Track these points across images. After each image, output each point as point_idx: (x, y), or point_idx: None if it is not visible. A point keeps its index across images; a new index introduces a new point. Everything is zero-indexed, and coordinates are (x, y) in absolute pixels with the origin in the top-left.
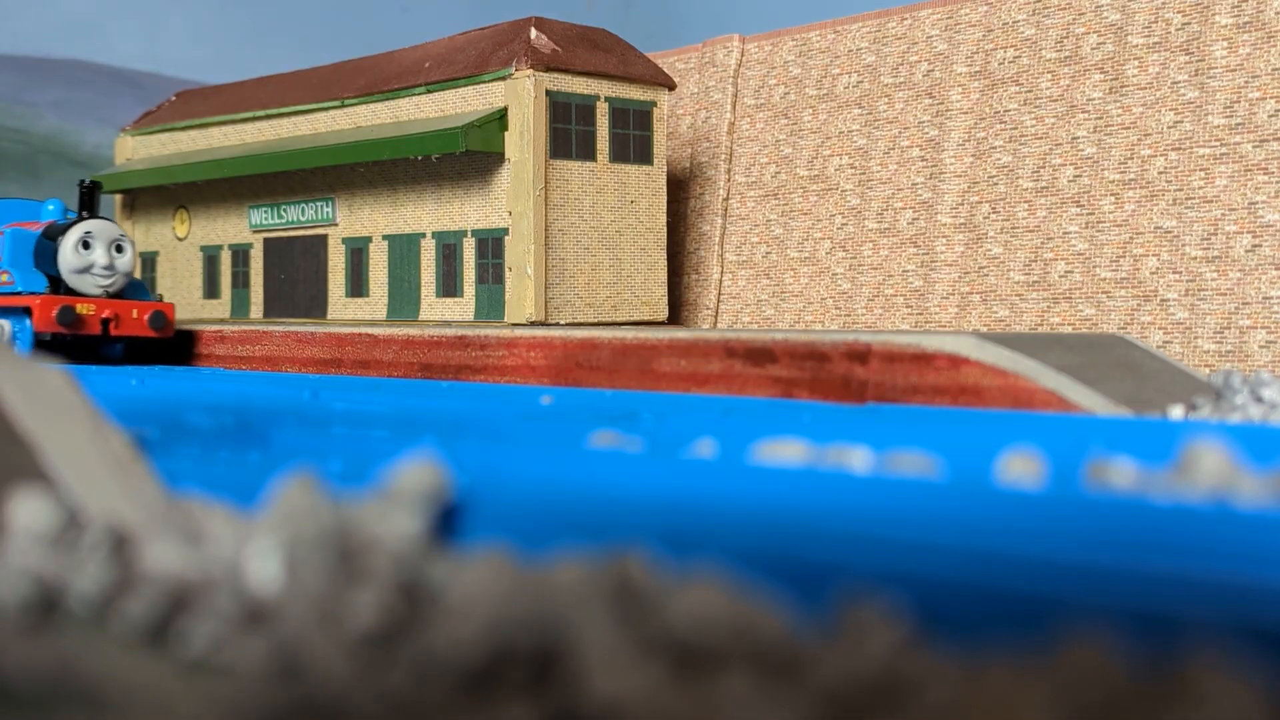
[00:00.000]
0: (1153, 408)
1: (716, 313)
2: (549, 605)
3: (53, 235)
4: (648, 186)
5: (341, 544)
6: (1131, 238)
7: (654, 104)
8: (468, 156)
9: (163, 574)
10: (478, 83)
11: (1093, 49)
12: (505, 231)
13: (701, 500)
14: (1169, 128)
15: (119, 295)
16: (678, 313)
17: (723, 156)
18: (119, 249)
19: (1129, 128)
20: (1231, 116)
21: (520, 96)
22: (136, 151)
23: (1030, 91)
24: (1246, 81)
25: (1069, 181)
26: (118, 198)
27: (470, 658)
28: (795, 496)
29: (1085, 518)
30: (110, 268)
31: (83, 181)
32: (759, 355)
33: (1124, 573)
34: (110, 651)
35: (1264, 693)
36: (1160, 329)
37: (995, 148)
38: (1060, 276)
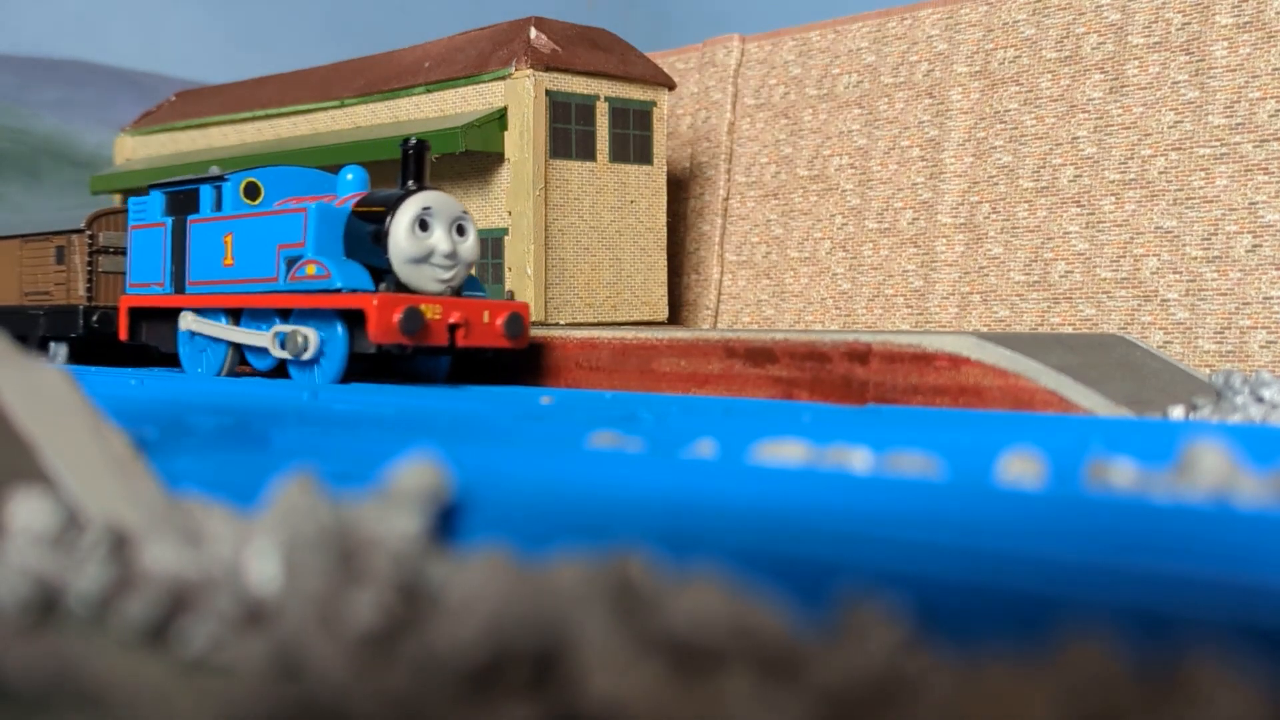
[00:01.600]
0: (1153, 408)
1: (716, 313)
2: (549, 605)
3: (373, 213)
4: (648, 186)
5: (341, 544)
6: (1132, 238)
7: (654, 104)
8: (467, 156)
9: (162, 574)
10: (477, 82)
11: (1093, 49)
12: (505, 231)
13: (701, 500)
14: (1169, 128)
15: (457, 293)
16: (678, 313)
17: (723, 156)
18: (460, 230)
19: (1129, 128)
20: (1232, 116)
21: (520, 96)
22: (136, 151)
23: (1030, 91)
24: (1247, 81)
25: (1069, 181)
26: (117, 197)
27: (470, 658)
28: (795, 496)
29: (1085, 518)
30: (452, 255)
31: (407, 140)
32: (759, 355)
33: (1124, 572)
34: (110, 651)
35: (1264, 692)
36: (1161, 329)
37: (995, 148)
38: (1061, 276)
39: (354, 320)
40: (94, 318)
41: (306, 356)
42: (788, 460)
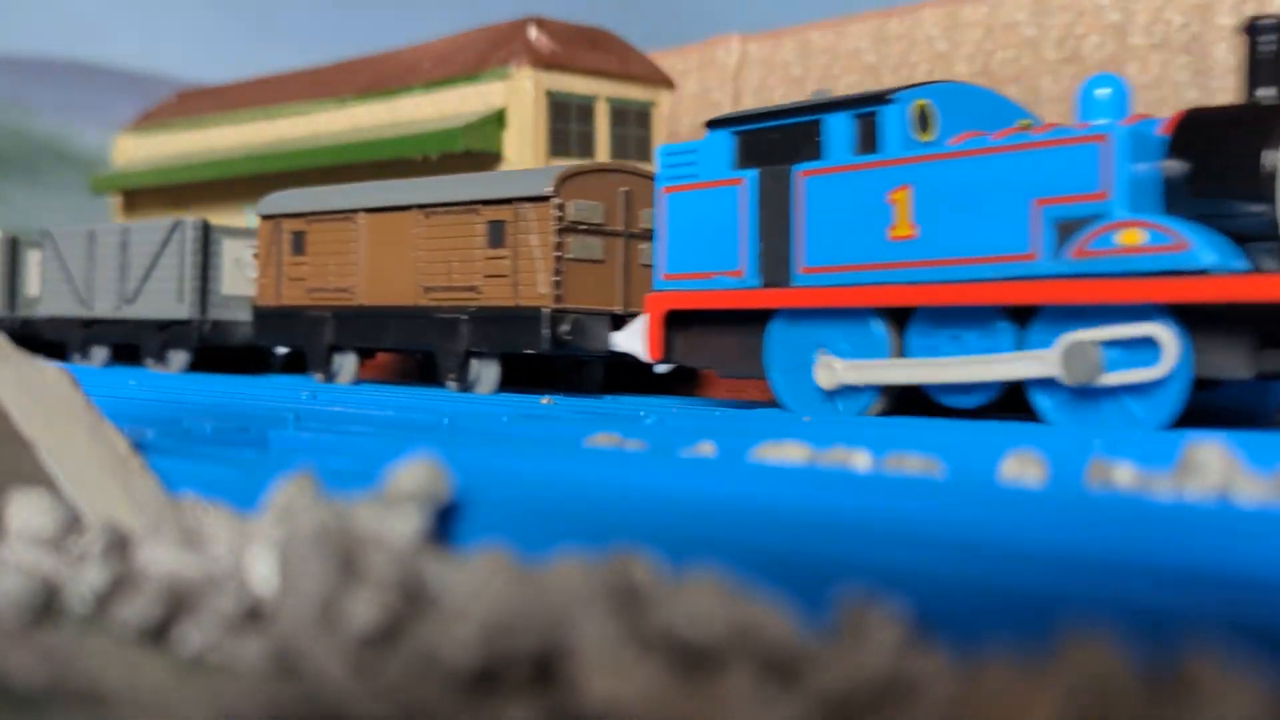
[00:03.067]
0: None
1: None
2: (548, 605)
3: (1232, 140)
4: None
5: (340, 543)
6: None
7: (653, 104)
8: (466, 156)
9: (161, 574)
10: (477, 82)
11: (1094, 49)
12: None
13: (701, 500)
14: None
15: None
16: None
17: None
18: None
19: None
20: None
21: (519, 96)
22: (136, 151)
23: (1031, 91)
24: None
25: None
26: (118, 197)
27: (469, 658)
28: (795, 496)
29: (1087, 517)
30: None
31: (1256, 21)
32: None
33: (1126, 571)
34: (109, 650)
35: (1264, 690)
36: None
37: None
38: None
39: (1203, 323)
40: (563, 326)
41: (1103, 382)
42: (788, 460)
